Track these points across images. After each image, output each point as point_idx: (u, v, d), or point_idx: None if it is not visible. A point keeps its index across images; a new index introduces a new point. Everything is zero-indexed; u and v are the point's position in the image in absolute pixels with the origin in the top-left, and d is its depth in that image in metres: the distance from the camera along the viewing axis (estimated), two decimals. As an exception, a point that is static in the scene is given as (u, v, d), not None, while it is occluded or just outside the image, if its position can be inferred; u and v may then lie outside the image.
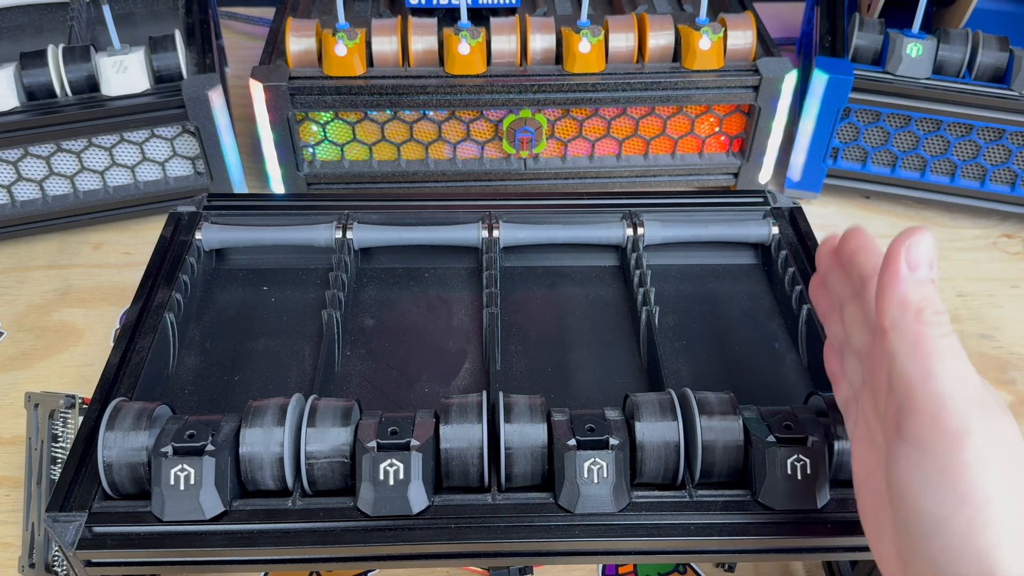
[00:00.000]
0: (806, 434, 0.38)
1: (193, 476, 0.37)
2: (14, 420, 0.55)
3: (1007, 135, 0.65)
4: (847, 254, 0.38)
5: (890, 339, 0.31)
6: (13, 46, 0.70)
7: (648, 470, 0.39)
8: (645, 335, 0.49)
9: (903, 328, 0.31)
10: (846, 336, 0.38)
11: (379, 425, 0.39)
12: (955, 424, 0.29)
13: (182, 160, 0.67)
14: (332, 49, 0.62)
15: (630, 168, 0.69)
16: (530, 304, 0.53)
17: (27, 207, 0.65)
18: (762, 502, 0.38)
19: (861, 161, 0.70)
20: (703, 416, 0.39)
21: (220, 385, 0.47)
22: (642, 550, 0.39)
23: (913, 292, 0.31)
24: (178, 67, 0.63)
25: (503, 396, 0.40)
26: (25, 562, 0.46)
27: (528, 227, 0.54)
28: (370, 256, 0.56)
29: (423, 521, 0.38)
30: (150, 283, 0.50)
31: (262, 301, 0.53)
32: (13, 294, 0.63)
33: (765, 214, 0.55)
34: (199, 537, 0.37)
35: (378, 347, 0.50)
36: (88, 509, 0.38)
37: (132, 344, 0.46)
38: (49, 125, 0.61)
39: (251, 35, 0.92)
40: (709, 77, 0.64)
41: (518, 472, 0.39)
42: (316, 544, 0.37)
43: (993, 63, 0.64)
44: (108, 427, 0.38)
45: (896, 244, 0.32)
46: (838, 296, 0.39)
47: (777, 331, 0.51)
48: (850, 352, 0.37)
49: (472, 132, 0.67)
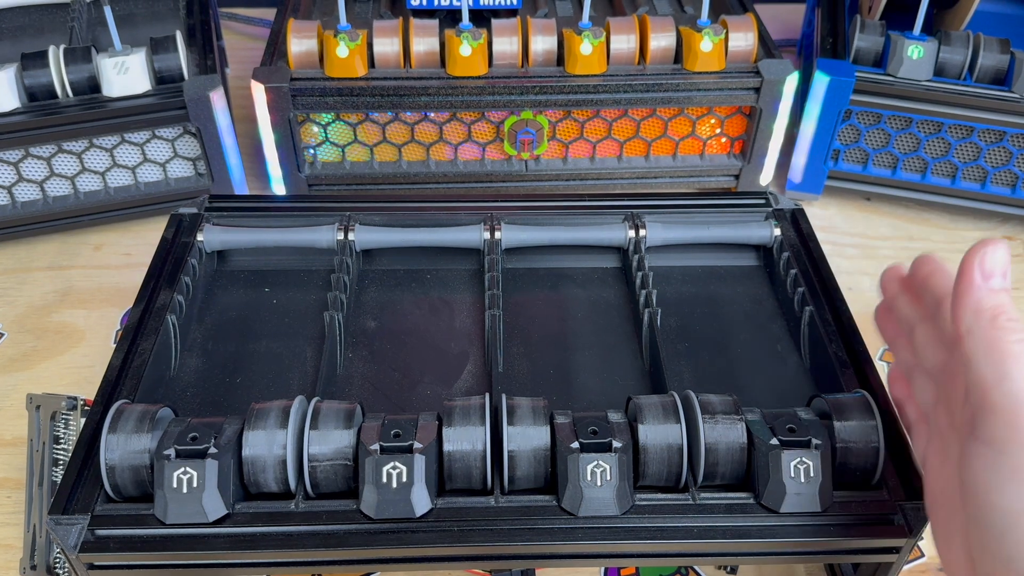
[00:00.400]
0: (809, 437, 0.38)
1: (196, 479, 0.37)
2: (15, 421, 0.55)
3: (1008, 137, 0.65)
4: (920, 279, 0.40)
5: (966, 344, 0.33)
6: (14, 47, 0.69)
7: (651, 473, 0.39)
8: (647, 337, 0.49)
9: (978, 333, 0.32)
10: (917, 358, 0.39)
11: (382, 427, 0.39)
12: None
13: (183, 161, 0.66)
14: (333, 50, 0.62)
15: (631, 170, 0.69)
16: (532, 306, 0.53)
17: (28, 208, 0.65)
18: (765, 505, 0.38)
19: (862, 163, 0.70)
20: (706, 418, 0.39)
21: (222, 387, 0.47)
22: (645, 553, 0.39)
23: (987, 299, 0.33)
24: (179, 68, 0.63)
25: (506, 398, 0.40)
26: (27, 564, 0.46)
27: (530, 228, 0.54)
28: (372, 258, 0.56)
29: (426, 524, 0.38)
30: (152, 285, 0.49)
31: (264, 303, 0.53)
32: (14, 295, 0.63)
33: (767, 216, 0.55)
34: (202, 540, 0.37)
35: (380, 349, 0.50)
36: (91, 512, 0.38)
37: (134, 346, 0.46)
38: (50, 126, 0.61)
39: (252, 36, 0.92)
40: (710, 79, 0.64)
41: (521, 475, 0.39)
42: (319, 547, 0.37)
43: (994, 65, 0.64)
44: (110, 430, 0.38)
45: (970, 255, 0.34)
46: (907, 321, 0.41)
47: (779, 333, 0.51)
48: (920, 373, 0.39)
49: (473, 133, 0.67)
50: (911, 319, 0.41)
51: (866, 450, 0.39)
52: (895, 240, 0.69)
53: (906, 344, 0.41)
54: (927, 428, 0.38)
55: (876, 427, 0.39)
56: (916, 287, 0.41)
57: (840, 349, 0.46)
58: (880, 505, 0.39)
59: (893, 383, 0.42)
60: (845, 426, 0.39)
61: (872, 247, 0.69)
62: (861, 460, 0.39)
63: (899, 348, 0.42)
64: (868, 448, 0.39)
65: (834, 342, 0.46)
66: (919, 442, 0.38)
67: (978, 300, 0.33)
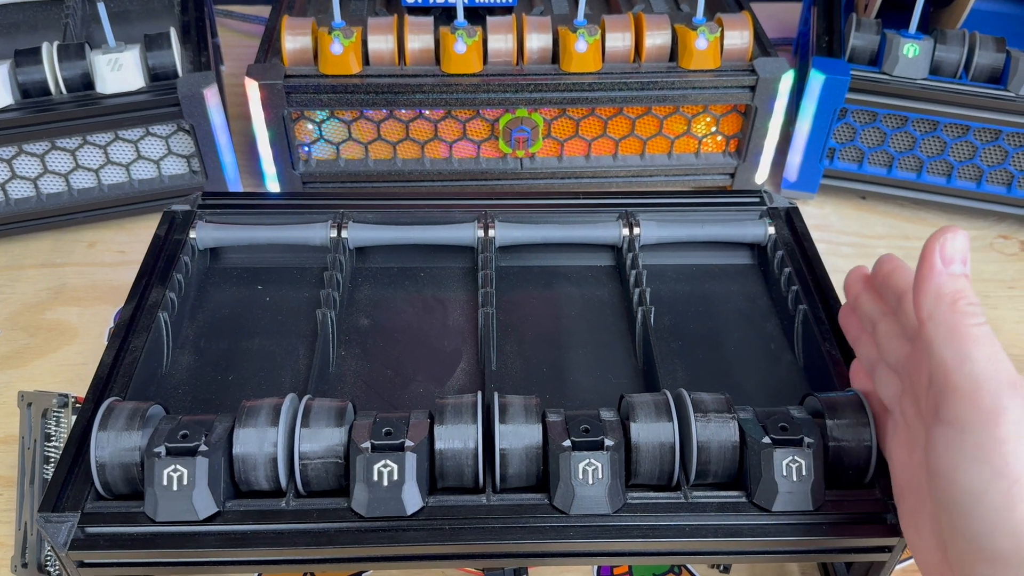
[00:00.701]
0: (802, 435, 0.38)
1: (186, 476, 0.37)
2: (7, 419, 0.54)
3: (1003, 136, 0.65)
4: (881, 277, 0.41)
5: (927, 329, 0.33)
6: (8, 43, 0.69)
7: (643, 471, 0.39)
8: (641, 335, 0.49)
9: (939, 317, 0.33)
10: (880, 353, 0.40)
11: (373, 425, 0.38)
12: (990, 403, 0.31)
13: (177, 158, 0.66)
14: (328, 47, 0.62)
15: (626, 168, 0.69)
16: (526, 304, 0.53)
17: (21, 205, 0.64)
18: (757, 503, 0.38)
19: (857, 161, 0.69)
20: (698, 417, 0.39)
21: (214, 385, 0.47)
22: (637, 551, 0.39)
23: (947, 284, 0.34)
24: (173, 65, 0.63)
25: (498, 396, 0.40)
26: (18, 562, 0.46)
27: (524, 227, 0.54)
28: (365, 255, 0.55)
29: (417, 522, 0.38)
30: (144, 282, 0.49)
31: (257, 300, 0.52)
32: (7, 292, 0.63)
33: (761, 214, 0.55)
34: (192, 538, 0.37)
35: (373, 347, 0.49)
36: (81, 509, 0.38)
37: (126, 343, 0.46)
38: (43, 123, 0.61)
39: (246, 33, 0.92)
40: (706, 77, 0.64)
41: (513, 473, 0.39)
42: (310, 545, 0.37)
43: (990, 64, 0.64)
44: (101, 427, 0.38)
45: (931, 242, 0.34)
46: (870, 318, 0.42)
47: (773, 331, 0.51)
48: (883, 367, 0.40)
49: (468, 131, 0.67)
50: (874, 316, 0.42)
51: (859, 449, 0.39)
52: (890, 239, 0.69)
53: (869, 340, 0.42)
54: (891, 420, 0.38)
55: (869, 426, 0.39)
56: (878, 285, 0.42)
57: (833, 348, 0.46)
58: (873, 504, 0.39)
59: (855, 377, 0.43)
60: (838, 425, 0.39)
61: (867, 246, 0.69)
62: (854, 459, 0.39)
63: (862, 345, 0.43)
64: (861, 447, 0.39)
65: (827, 341, 0.46)
66: (884, 434, 0.39)
67: (939, 285, 0.34)
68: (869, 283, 0.43)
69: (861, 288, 0.44)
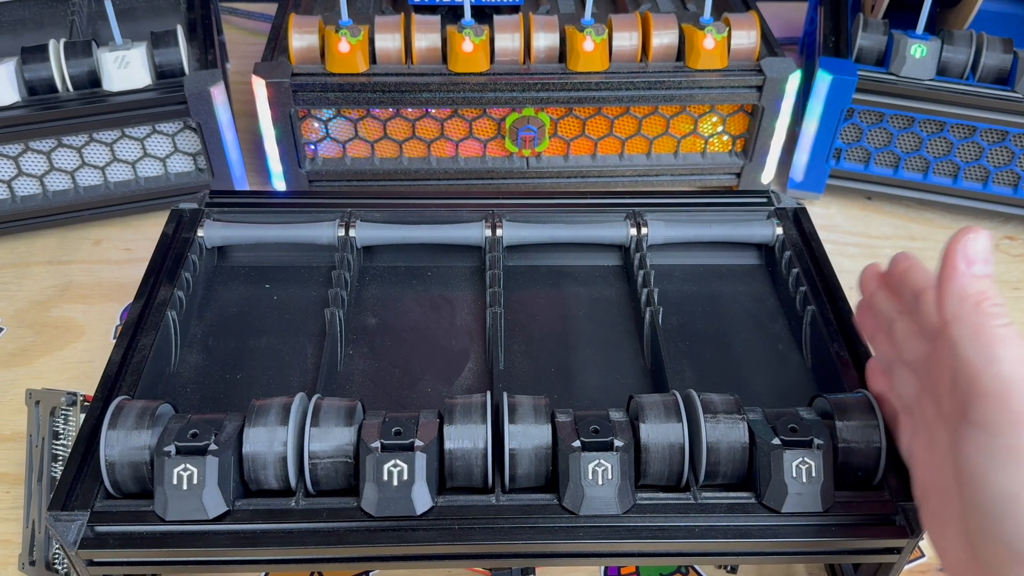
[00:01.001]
0: (811, 437, 0.38)
1: (196, 475, 0.37)
2: (14, 416, 0.54)
3: (1010, 137, 0.64)
4: (897, 275, 0.41)
5: (952, 330, 0.33)
6: (14, 40, 0.69)
7: (652, 472, 0.39)
8: (649, 335, 0.49)
9: (964, 318, 0.33)
10: (897, 352, 0.40)
11: (383, 425, 0.38)
12: (1020, 406, 0.30)
13: (183, 156, 0.66)
14: (335, 46, 0.62)
15: (633, 167, 0.69)
16: (533, 304, 0.53)
17: (27, 202, 0.64)
18: (766, 504, 0.38)
19: (864, 162, 0.69)
20: (707, 418, 0.39)
21: (222, 383, 0.47)
22: (645, 552, 0.39)
23: (972, 285, 0.34)
24: (180, 63, 0.63)
25: (507, 396, 0.40)
26: (25, 559, 0.46)
27: (531, 226, 0.54)
28: (373, 254, 0.55)
29: (426, 522, 0.38)
30: (152, 280, 0.49)
31: (264, 299, 0.52)
32: (13, 290, 0.63)
33: (769, 214, 0.55)
34: (201, 537, 0.37)
35: (381, 346, 0.49)
36: (90, 508, 0.38)
37: (134, 342, 0.46)
38: (50, 120, 0.60)
39: (253, 31, 0.92)
40: (713, 77, 0.64)
41: (522, 473, 0.39)
42: (319, 544, 0.37)
43: (997, 65, 0.64)
44: (110, 426, 0.38)
45: (953, 243, 0.34)
46: (886, 316, 0.41)
47: (781, 332, 0.51)
48: (900, 366, 0.39)
49: (475, 130, 0.67)
50: (890, 314, 0.41)
51: (868, 450, 0.39)
52: (896, 239, 0.69)
53: (885, 339, 0.42)
54: (911, 420, 0.38)
55: (878, 427, 0.39)
56: (894, 283, 0.41)
57: (842, 348, 0.46)
58: (881, 505, 0.39)
59: (872, 377, 0.42)
60: (847, 426, 0.39)
61: (874, 246, 0.69)
62: (863, 460, 0.39)
63: (878, 343, 0.42)
64: (870, 448, 0.39)
65: (836, 341, 0.46)
66: (903, 434, 0.39)
67: (963, 286, 0.34)
68: (884, 281, 0.43)
69: (876, 286, 0.43)
